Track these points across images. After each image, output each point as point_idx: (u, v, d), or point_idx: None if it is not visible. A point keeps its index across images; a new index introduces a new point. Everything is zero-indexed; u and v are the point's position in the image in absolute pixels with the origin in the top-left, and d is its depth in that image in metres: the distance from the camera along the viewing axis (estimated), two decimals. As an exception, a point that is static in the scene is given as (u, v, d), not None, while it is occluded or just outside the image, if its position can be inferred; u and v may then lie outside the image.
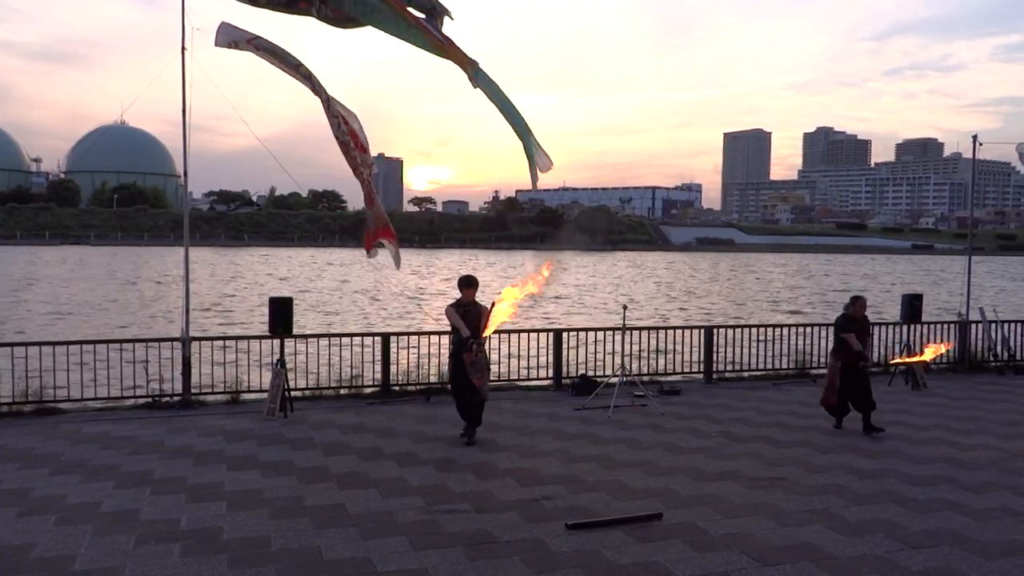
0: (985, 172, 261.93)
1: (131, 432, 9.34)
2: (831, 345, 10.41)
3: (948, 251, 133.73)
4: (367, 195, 9.15)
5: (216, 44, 8.47)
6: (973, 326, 14.71)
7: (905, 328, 13.55)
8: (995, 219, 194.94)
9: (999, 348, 14.61)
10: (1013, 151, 15.44)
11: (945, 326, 14.73)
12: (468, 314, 8.86)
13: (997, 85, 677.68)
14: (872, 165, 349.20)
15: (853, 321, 9.79)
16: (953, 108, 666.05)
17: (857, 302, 9.95)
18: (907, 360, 12.22)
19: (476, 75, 7.66)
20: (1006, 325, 14.93)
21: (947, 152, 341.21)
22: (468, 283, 9.12)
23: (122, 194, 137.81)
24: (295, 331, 10.99)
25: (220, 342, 11.72)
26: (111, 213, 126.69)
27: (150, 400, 10.68)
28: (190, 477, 7.65)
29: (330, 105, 8.70)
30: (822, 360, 13.75)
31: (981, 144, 15.04)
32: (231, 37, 8.41)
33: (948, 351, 13.56)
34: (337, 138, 8.74)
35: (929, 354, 11.72)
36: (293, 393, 10.63)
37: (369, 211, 9.31)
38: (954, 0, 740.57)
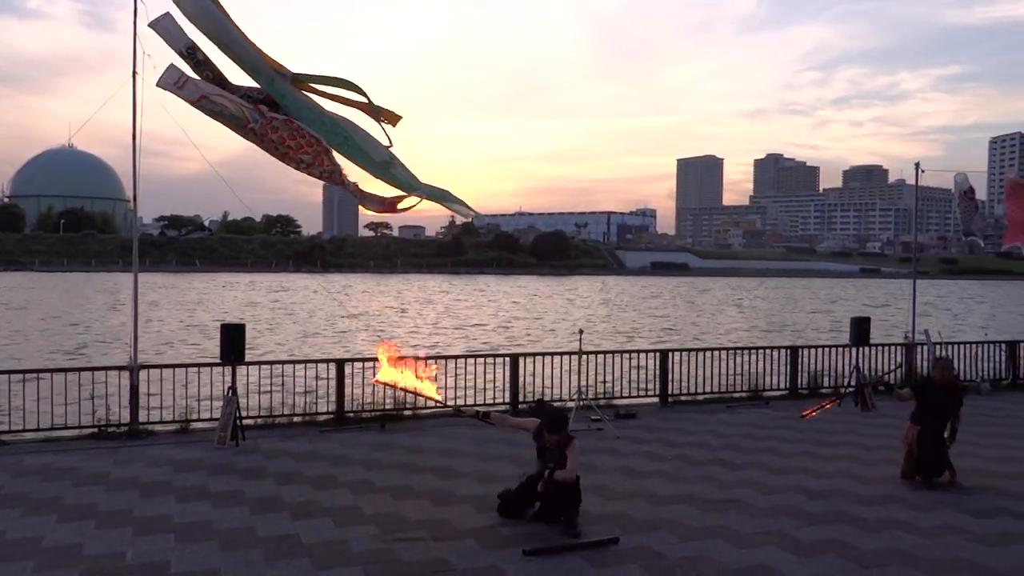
0: (928, 198, 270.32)
1: (75, 463, 9.06)
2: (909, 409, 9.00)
3: (894, 275, 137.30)
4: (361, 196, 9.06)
5: (157, 84, 8.37)
6: (919, 348, 15.09)
7: (854, 351, 13.83)
8: (938, 244, 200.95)
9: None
10: (955, 177, 15.93)
11: (892, 348, 15.07)
12: (548, 451, 7.20)
13: (939, 114, 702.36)
14: (820, 191, 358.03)
15: (932, 385, 8.69)
16: (898, 136, 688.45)
17: (939, 365, 8.84)
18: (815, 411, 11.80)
19: (391, 161, 8.04)
20: (950, 347, 15.34)
21: (892, 179, 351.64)
22: (552, 426, 7.13)
23: (69, 219, 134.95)
24: (248, 357, 10.81)
25: (169, 370, 11.46)
26: (57, 239, 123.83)
27: (95, 430, 10.38)
28: (136, 509, 7.44)
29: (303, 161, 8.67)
30: (774, 383, 13.98)
31: (923, 171, 15.56)
32: (176, 83, 8.31)
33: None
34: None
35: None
36: (245, 421, 10.43)
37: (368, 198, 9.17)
38: (898, 32, 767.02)
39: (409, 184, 8.36)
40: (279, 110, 8.15)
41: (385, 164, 8.26)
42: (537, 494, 7.12)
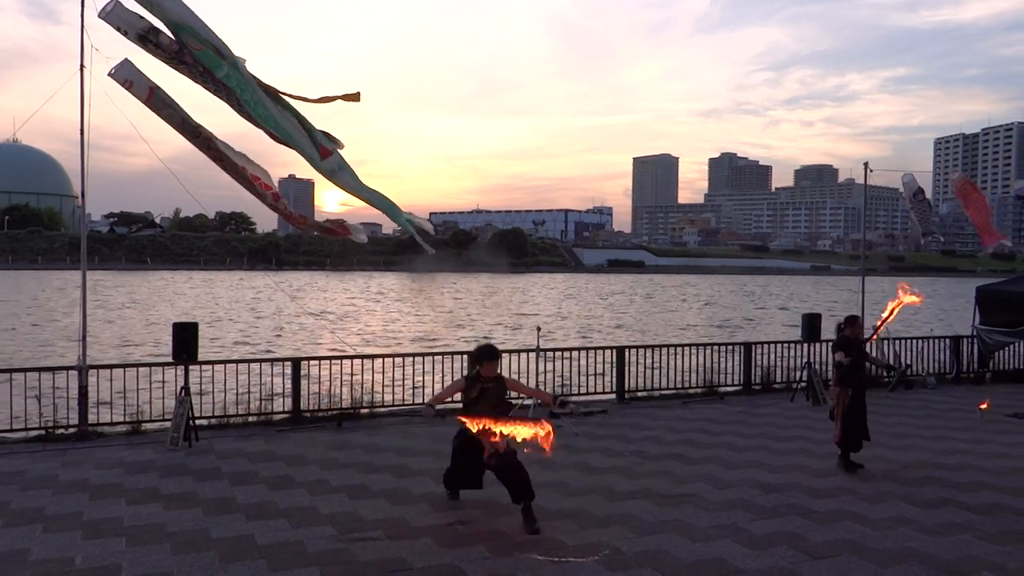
0: (876, 197, 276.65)
1: (22, 466, 8.82)
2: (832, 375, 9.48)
3: (844, 272, 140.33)
4: (297, 221, 9.28)
5: (109, 74, 8.20)
6: (867, 343, 15.40)
7: (805, 346, 14.09)
8: (886, 242, 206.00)
9: (891, 364, 15.37)
10: (902, 178, 16.34)
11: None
12: (486, 392, 7.22)
13: (886, 115, 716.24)
14: (773, 190, 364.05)
15: (850, 342, 9.25)
16: (847, 136, 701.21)
17: (855, 322, 9.40)
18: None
19: (341, 168, 8.03)
20: (897, 342, 15.73)
21: (841, 178, 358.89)
22: (491, 355, 7.36)
23: (14, 215, 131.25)
24: (201, 356, 10.62)
25: (120, 370, 11.21)
26: (1, 235, 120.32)
27: (43, 432, 10.12)
28: (86, 512, 7.27)
29: (236, 169, 8.62)
30: (729, 378, 14.19)
31: (872, 171, 15.95)
32: (131, 77, 8.16)
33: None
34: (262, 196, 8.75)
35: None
36: (199, 422, 10.27)
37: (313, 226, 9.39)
38: (847, 34, 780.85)
39: (358, 188, 8.37)
40: (234, 98, 8.00)
41: (332, 171, 8.25)
42: (479, 462, 7.19)
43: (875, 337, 9.72)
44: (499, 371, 7.44)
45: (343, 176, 8.32)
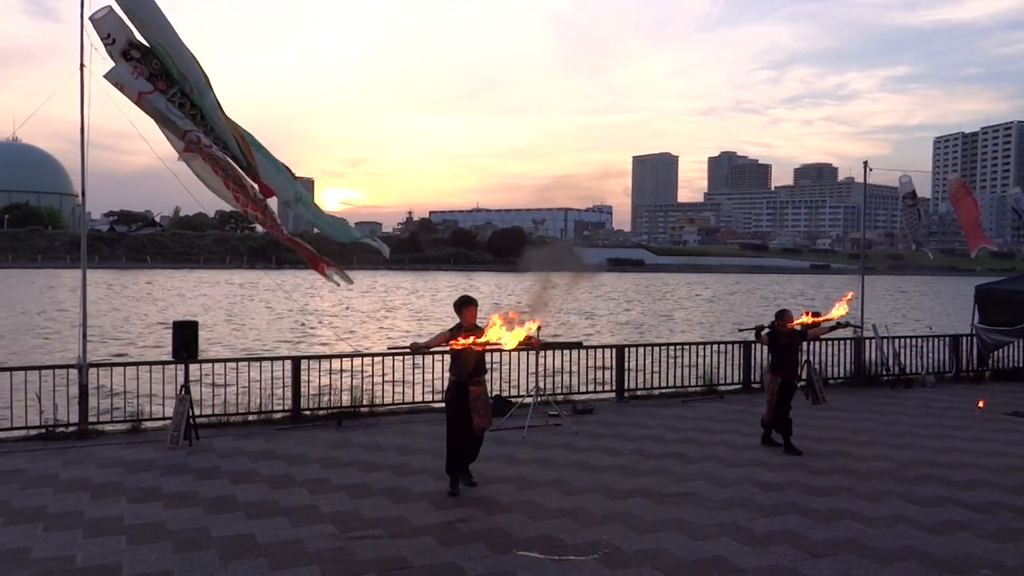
0: (875, 196, 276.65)
1: (21, 465, 8.83)
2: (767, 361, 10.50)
3: (843, 271, 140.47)
4: (288, 241, 9.29)
5: (104, 75, 8.22)
6: (867, 342, 15.46)
7: (804, 345, 14.05)
8: (885, 240, 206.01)
9: (890, 363, 15.41)
10: (900, 178, 16.35)
11: (841, 343, 15.40)
12: (470, 332, 7.81)
13: (886, 114, 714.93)
14: (772, 188, 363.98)
15: (780, 334, 10.01)
16: (847, 135, 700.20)
17: (784, 315, 10.11)
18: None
19: (297, 200, 8.10)
20: (896, 341, 15.75)
21: (841, 177, 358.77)
22: (468, 301, 8.07)
23: (14, 214, 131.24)
24: (201, 355, 10.63)
25: (120, 368, 11.22)
26: (1, 234, 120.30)
27: (43, 431, 10.13)
28: (87, 511, 7.28)
29: (230, 176, 8.62)
30: (728, 377, 14.20)
31: (871, 169, 15.98)
32: (122, 80, 8.18)
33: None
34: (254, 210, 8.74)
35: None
36: (199, 420, 10.28)
37: (299, 250, 9.36)
38: (846, 33, 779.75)
39: (314, 216, 8.47)
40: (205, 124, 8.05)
41: (292, 201, 8.31)
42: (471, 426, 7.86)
43: (804, 322, 10.26)
44: (475, 320, 7.98)
45: (303, 205, 8.43)
